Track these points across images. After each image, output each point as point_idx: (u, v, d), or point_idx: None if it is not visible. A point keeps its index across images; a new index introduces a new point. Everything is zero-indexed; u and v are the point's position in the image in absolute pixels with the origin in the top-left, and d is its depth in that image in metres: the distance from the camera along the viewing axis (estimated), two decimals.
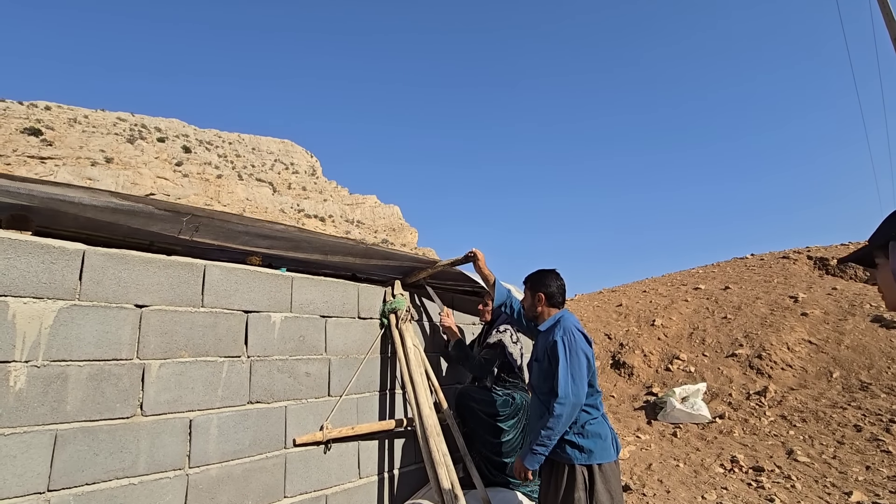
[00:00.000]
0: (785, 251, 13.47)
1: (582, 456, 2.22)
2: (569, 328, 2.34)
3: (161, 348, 2.16)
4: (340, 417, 2.80)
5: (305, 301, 2.79)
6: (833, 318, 7.76)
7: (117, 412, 1.98)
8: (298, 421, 2.60)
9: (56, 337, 1.87)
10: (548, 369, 2.35)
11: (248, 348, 2.47)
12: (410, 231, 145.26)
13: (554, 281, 2.59)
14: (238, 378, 2.39)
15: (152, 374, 2.11)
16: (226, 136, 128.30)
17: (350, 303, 3.04)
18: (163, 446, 2.08)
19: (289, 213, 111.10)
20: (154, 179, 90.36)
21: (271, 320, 2.60)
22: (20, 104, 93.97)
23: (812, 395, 6.04)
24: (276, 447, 2.47)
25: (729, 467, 4.65)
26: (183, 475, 2.12)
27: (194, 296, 2.31)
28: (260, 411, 2.45)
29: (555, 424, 2.19)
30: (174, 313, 2.23)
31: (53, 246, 1.92)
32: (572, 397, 2.19)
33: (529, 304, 2.64)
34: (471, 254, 3.09)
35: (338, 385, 2.84)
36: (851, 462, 4.44)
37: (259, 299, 2.57)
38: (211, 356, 2.32)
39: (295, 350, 2.67)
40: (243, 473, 2.31)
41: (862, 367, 6.34)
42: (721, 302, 9.66)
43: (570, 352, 2.26)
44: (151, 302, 2.17)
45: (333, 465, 2.70)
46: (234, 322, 2.44)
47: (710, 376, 7.09)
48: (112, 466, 1.93)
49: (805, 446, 4.91)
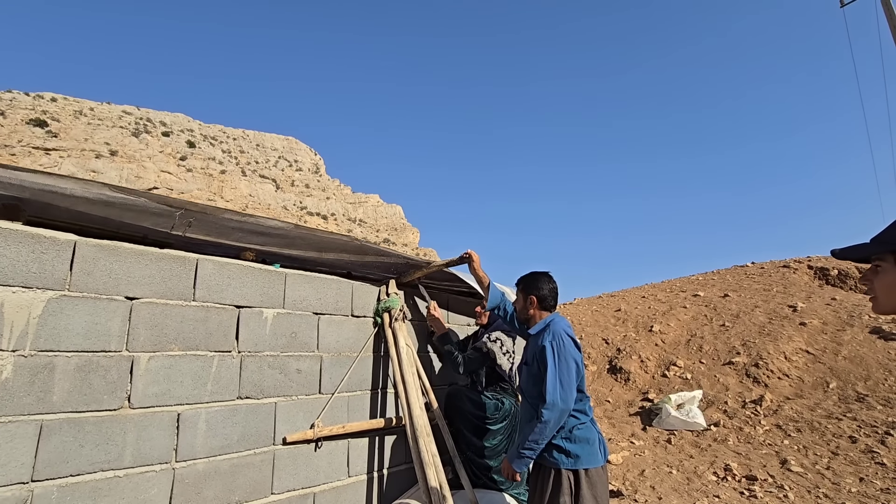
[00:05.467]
0: (785, 260, 13.44)
1: (568, 461, 2.22)
2: (558, 332, 2.33)
3: (151, 341, 2.15)
4: (331, 415, 2.80)
5: (298, 298, 2.79)
6: (831, 329, 7.74)
7: (104, 404, 1.98)
8: (288, 418, 2.59)
9: (44, 327, 1.87)
10: (537, 374, 2.34)
11: (238, 343, 2.46)
12: (412, 231, 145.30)
13: (546, 284, 2.58)
14: (228, 373, 2.39)
15: (141, 367, 2.10)
16: (230, 132, 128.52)
17: (344, 300, 3.04)
18: (150, 439, 2.08)
19: (291, 210, 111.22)
20: (158, 174, 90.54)
21: (263, 316, 2.59)
22: (26, 95, 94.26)
23: (808, 405, 6.02)
24: (264, 443, 2.47)
25: (722, 475, 4.63)
26: (169, 469, 2.12)
27: (186, 289, 2.31)
28: (249, 407, 2.44)
29: (542, 429, 2.18)
30: (165, 306, 2.23)
31: (44, 236, 1.92)
32: (560, 403, 2.18)
33: (521, 307, 2.63)
34: (466, 255, 3.08)
35: (329, 383, 2.83)
36: (845, 473, 4.42)
37: (251, 295, 2.56)
38: (201, 350, 2.31)
39: (286, 346, 2.67)
40: (230, 469, 2.31)
41: (859, 378, 6.32)
42: (720, 309, 9.64)
43: (558, 357, 2.25)
44: (142, 294, 2.16)
45: (323, 462, 2.70)
46: (225, 317, 2.43)
47: (706, 384, 7.07)
48: (97, 458, 1.92)
49: (799, 456, 4.89)
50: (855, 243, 1.17)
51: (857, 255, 1.11)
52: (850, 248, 1.13)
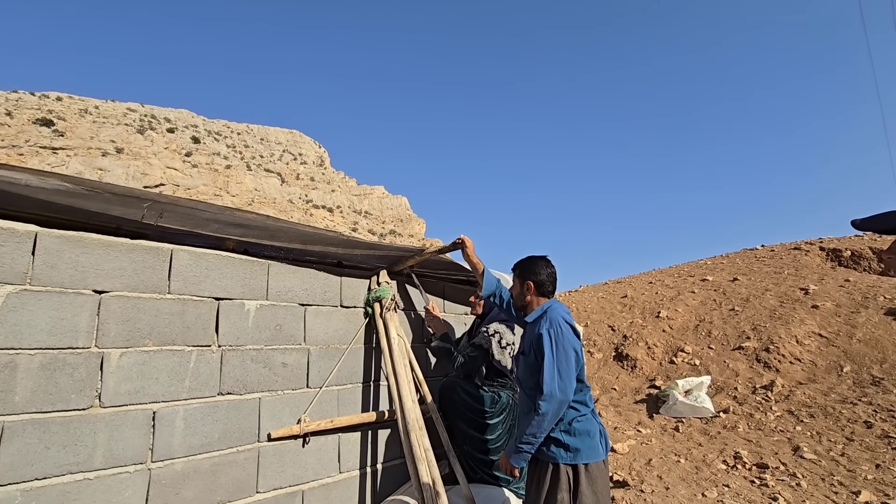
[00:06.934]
0: (796, 242, 13.15)
1: (567, 455, 2.09)
2: (555, 319, 2.19)
3: (122, 336, 2.05)
4: (320, 410, 2.69)
5: (283, 288, 2.67)
6: (845, 311, 7.52)
7: (72, 403, 1.88)
8: (273, 413, 2.49)
9: (3, 323, 1.76)
10: (534, 363, 2.21)
11: (219, 337, 2.35)
12: (418, 222, 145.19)
13: (544, 269, 2.43)
14: (207, 368, 2.28)
15: (112, 364, 2.00)
16: (234, 127, 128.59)
17: (332, 290, 2.91)
18: (123, 439, 1.98)
19: (297, 203, 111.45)
20: (163, 170, 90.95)
21: (245, 308, 2.48)
22: (32, 95, 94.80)
23: (821, 389, 5.84)
24: (248, 440, 2.36)
25: (732, 464, 4.49)
26: (144, 469, 2.02)
27: (160, 282, 2.20)
28: (231, 403, 2.33)
29: (540, 422, 2.05)
30: (137, 300, 2.11)
31: (1, 227, 1.81)
32: (559, 394, 2.05)
33: (518, 293, 2.49)
34: (458, 241, 2.94)
35: (317, 376, 2.72)
36: (860, 460, 4.26)
37: (232, 286, 2.45)
38: (178, 345, 2.20)
39: (271, 339, 2.56)
40: (211, 468, 2.21)
41: (874, 361, 6.12)
42: (729, 294, 9.43)
43: (556, 345, 2.11)
44: (112, 287, 2.05)
45: (311, 459, 2.60)
46: (203, 309, 2.32)
47: (715, 369, 6.91)
48: (65, 461, 1.83)
49: (812, 443, 4.74)
50: (877, 213, 1.01)
51: (883, 225, 0.96)
52: (874, 217, 0.98)
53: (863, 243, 11.92)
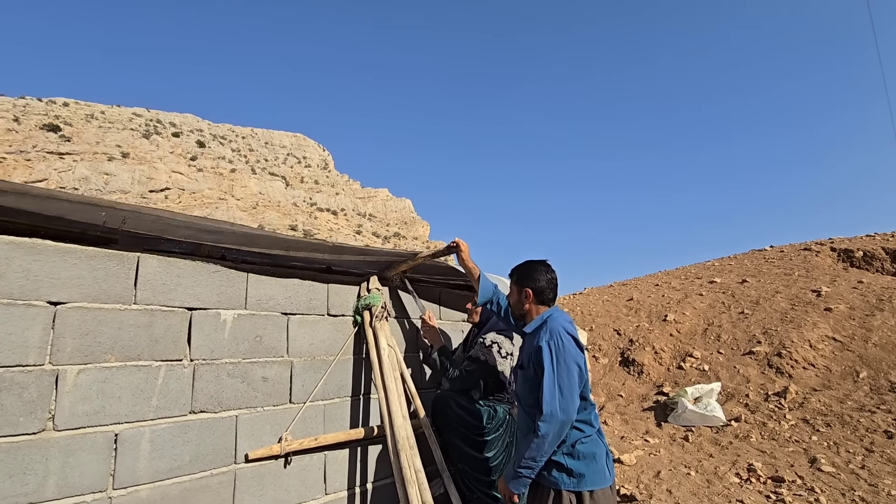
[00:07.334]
0: (806, 243, 12.86)
1: (570, 481, 1.89)
2: (556, 330, 1.99)
3: (81, 352, 1.87)
4: (304, 427, 2.50)
5: (264, 297, 2.48)
6: (859, 314, 7.26)
7: (20, 427, 1.70)
8: (252, 432, 2.30)
9: None
10: (533, 378, 2.01)
11: (191, 351, 2.17)
12: (422, 224, 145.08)
13: (544, 274, 2.23)
14: (178, 385, 2.10)
15: (68, 382, 1.82)
16: (239, 131, 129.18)
17: (318, 298, 2.73)
18: (79, 465, 1.80)
19: (301, 206, 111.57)
20: (169, 174, 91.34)
21: (221, 318, 2.29)
22: (39, 101, 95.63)
23: (837, 396, 5.59)
24: (223, 462, 2.18)
25: (745, 477, 4.26)
26: (105, 498, 1.83)
27: (125, 291, 2.02)
28: (204, 422, 2.15)
29: (540, 445, 1.86)
30: (98, 311, 1.94)
31: None
32: (560, 414, 1.85)
33: (515, 301, 2.29)
34: (453, 244, 2.75)
35: (301, 390, 2.54)
36: (882, 473, 4.03)
37: (206, 295, 2.26)
38: (144, 360, 2.02)
39: (250, 352, 2.37)
40: (181, 494, 2.02)
41: (892, 366, 5.87)
42: (738, 296, 9.17)
43: (557, 360, 1.91)
44: (70, 298, 1.88)
45: (294, 480, 2.41)
46: (174, 321, 2.14)
47: (725, 375, 6.67)
48: (11, 491, 1.65)
49: (830, 454, 4.50)
50: None
51: None
52: None
53: (875, 243, 11.62)
